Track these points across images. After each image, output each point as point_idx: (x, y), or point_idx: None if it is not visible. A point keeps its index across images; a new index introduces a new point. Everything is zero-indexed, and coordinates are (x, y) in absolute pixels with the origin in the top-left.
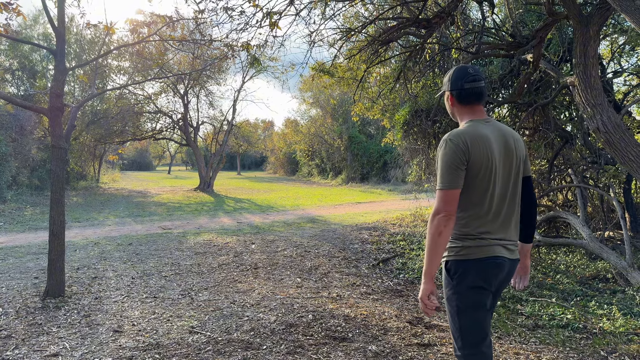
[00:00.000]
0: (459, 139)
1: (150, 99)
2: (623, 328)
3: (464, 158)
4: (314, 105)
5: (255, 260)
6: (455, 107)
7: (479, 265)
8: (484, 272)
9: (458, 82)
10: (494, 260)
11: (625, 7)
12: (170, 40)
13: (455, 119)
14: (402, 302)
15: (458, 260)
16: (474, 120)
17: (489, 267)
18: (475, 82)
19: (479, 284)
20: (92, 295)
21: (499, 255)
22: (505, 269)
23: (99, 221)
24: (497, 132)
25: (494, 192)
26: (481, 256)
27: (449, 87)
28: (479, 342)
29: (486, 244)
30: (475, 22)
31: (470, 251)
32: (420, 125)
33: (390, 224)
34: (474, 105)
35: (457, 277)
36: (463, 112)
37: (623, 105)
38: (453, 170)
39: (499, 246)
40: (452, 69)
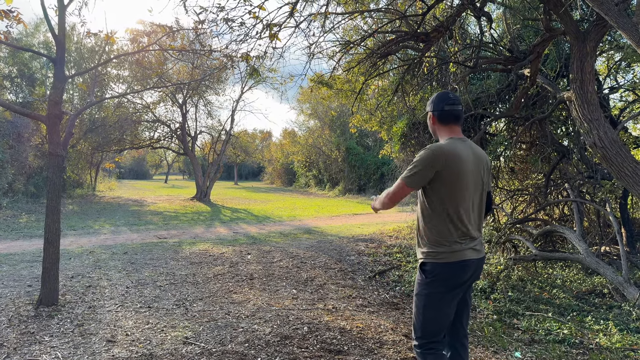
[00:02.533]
0: (439, 151)
1: (149, 108)
2: (619, 344)
3: (434, 168)
4: (312, 117)
5: (251, 270)
6: (436, 125)
7: (452, 267)
8: (456, 273)
9: (440, 104)
10: (464, 263)
11: (622, 24)
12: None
13: (435, 136)
14: (398, 315)
15: (435, 263)
16: (452, 138)
17: (460, 269)
18: (454, 106)
19: (450, 284)
20: (85, 304)
21: (468, 258)
22: (472, 268)
23: (95, 229)
24: (470, 150)
25: (466, 203)
26: (454, 260)
27: (431, 109)
28: (435, 334)
29: (459, 249)
30: (473, 36)
31: (446, 256)
32: (418, 138)
33: (387, 235)
34: (452, 125)
35: (431, 277)
36: (443, 130)
37: (619, 120)
38: (421, 173)
39: (469, 249)
40: (435, 94)
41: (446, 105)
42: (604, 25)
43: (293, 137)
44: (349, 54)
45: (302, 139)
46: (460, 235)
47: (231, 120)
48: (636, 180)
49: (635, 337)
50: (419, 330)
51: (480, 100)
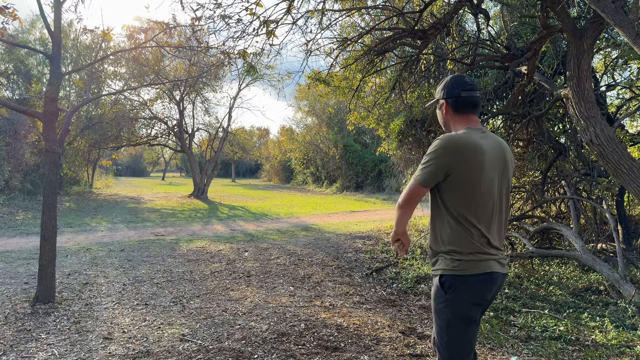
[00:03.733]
0: (453, 141)
1: (146, 105)
2: (615, 340)
3: (449, 161)
4: (309, 114)
5: (248, 268)
6: (450, 115)
7: (476, 280)
8: (480, 288)
9: (454, 90)
10: (490, 276)
11: (618, 22)
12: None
13: (447, 129)
14: (395, 312)
15: (455, 276)
16: (470, 128)
17: (485, 282)
18: (472, 92)
19: (474, 300)
20: (82, 301)
21: (494, 270)
22: (498, 284)
23: (92, 227)
24: (492, 143)
25: (488, 205)
26: (478, 272)
27: (443, 95)
28: (466, 354)
29: (482, 259)
30: (470, 33)
31: (467, 266)
32: (415, 135)
33: (384, 233)
34: (469, 114)
35: (451, 292)
36: (458, 121)
37: (616, 118)
38: (433, 169)
39: (494, 261)
40: (447, 77)
41: (462, 91)
42: (601, 23)
43: (291, 135)
44: (347, 51)
45: (300, 136)
46: (484, 242)
47: (228, 118)
48: (632, 177)
49: (631, 334)
50: (445, 352)
51: None
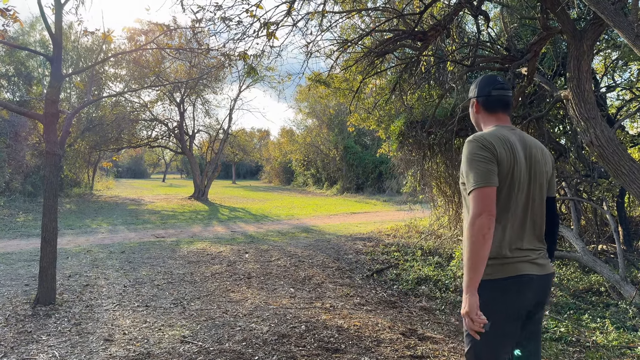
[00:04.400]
0: (482, 138)
1: (146, 106)
2: (616, 342)
3: (491, 154)
4: (310, 115)
5: (249, 269)
6: (481, 114)
7: (505, 285)
8: (510, 292)
9: (485, 89)
10: (520, 279)
11: (618, 23)
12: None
13: (478, 128)
14: (395, 314)
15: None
16: (500, 126)
17: (515, 287)
18: (503, 90)
19: (507, 306)
20: (83, 303)
21: (525, 273)
22: (533, 287)
23: (92, 228)
24: (522, 140)
25: (517, 202)
26: (506, 275)
27: (475, 94)
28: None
29: (511, 262)
30: (470, 35)
31: (496, 270)
32: (416, 137)
33: (385, 234)
34: (500, 113)
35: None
36: (488, 120)
37: (616, 119)
38: (483, 166)
39: (525, 262)
40: (480, 77)
41: (494, 89)
42: (601, 24)
43: (291, 136)
44: (347, 53)
45: (300, 137)
46: (513, 244)
47: (229, 119)
48: (633, 178)
49: (632, 335)
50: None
51: None
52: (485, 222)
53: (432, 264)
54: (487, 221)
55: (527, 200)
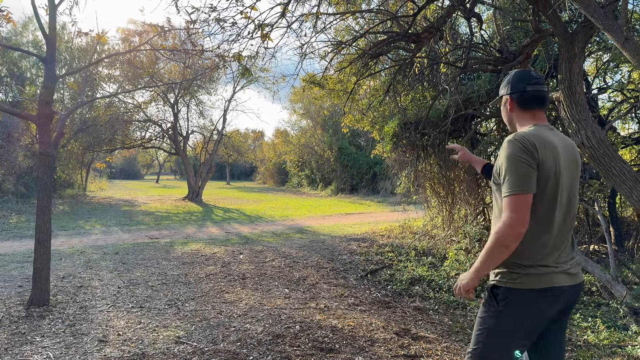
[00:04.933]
0: (525, 139)
1: (140, 107)
2: (607, 341)
3: (533, 158)
4: (304, 116)
5: (243, 270)
6: (515, 112)
7: (535, 296)
8: (539, 304)
9: (520, 84)
10: (554, 292)
11: (607, 27)
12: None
13: (512, 127)
14: (389, 314)
15: (511, 289)
16: (538, 125)
17: (546, 299)
18: (538, 85)
19: (530, 317)
20: (77, 304)
21: (559, 285)
22: (564, 299)
23: (86, 230)
24: (562, 140)
25: (559, 208)
26: (539, 287)
27: (508, 91)
28: None
29: (549, 272)
30: (463, 37)
31: (529, 280)
32: (409, 138)
33: (379, 235)
34: (536, 110)
35: (504, 305)
36: (523, 118)
37: (607, 120)
38: (524, 169)
39: (562, 274)
40: (512, 72)
41: (529, 85)
42: (592, 27)
43: (285, 137)
44: (341, 54)
45: (295, 138)
46: (553, 251)
47: (223, 120)
48: (623, 179)
49: (623, 334)
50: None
51: (471, 101)
52: (516, 233)
53: (426, 265)
54: (518, 232)
55: (567, 207)
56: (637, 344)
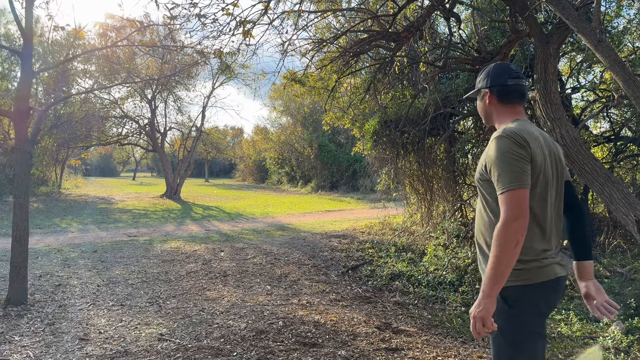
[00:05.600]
0: (516, 134)
1: (117, 103)
2: (579, 332)
3: (526, 153)
4: (284, 114)
5: (225, 268)
6: (494, 106)
7: (543, 289)
8: (548, 297)
9: (500, 78)
10: (556, 282)
11: (581, 29)
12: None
13: (489, 121)
14: (370, 308)
15: (519, 286)
16: (519, 119)
17: (552, 290)
18: (519, 79)
19: (542, 311)
20: (56, 303)
21: (559, 275)
22: (563, 288)
23: (62, 228)
24: (543, 136)
25: (550, 201)
26: (545, 279)
27: (487, 84)
28: None
29: (547, 264)
30: (442, 36)
31: (534, 274)
32: (389, 136)
33: (359, 232)
34: (516, 105)
35: (517, 305)
36: (503, 112)
37: (580, 119)
38: (518, 165)
39: (557, 264)
40: (490, 65)
41: (509, 79)
42: (566, 28)
43: (265, 134)
44: (322, 52)
45: (275, 135)
46: (545, 245)
47: (202, 117)
48: (595, 176)
49: (594, 326)
50: None
51: (449, 99)
52: (521, 229)
53: (406, 260)
54: (522, 227)
55: (555, 198)
56: (607, 335)
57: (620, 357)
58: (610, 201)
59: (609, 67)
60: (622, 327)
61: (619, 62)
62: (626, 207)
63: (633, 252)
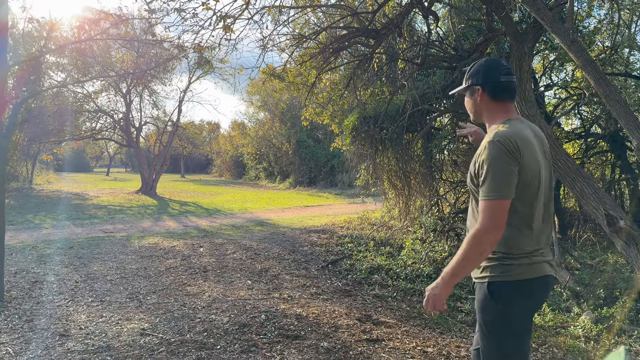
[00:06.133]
0: (508, 141)
1: (90, 97)
2: (552, 322)
3: (516, 162)
4: (262, 109)
5: (204, 263)
6: (485, 104)
7: (531, 286)
8: (536, 294)
9: (492, 74)
10: (544, 280)
11: (555, 29)
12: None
13: (478, 119)
14: (351, 301)
15: (507, 282)
16: (511, 119)
17: (542, 288)
18: (510, 76)
19: (530, 307)
20: (33, 299)
21: (548, 274)
22: (551, 287)
23: (35, 224)
24: (534, 132)
25: (540, 201)
26: (533, 276)
27: (479, 81)
28: None
29: (537, 262)
30: (420, 34)
31: (522, 270)
32: (368, 132)
33: (339, 227)
34: (508, 102)
35: (504, 301)
36: (495, 110)
37: (553, 116)
38: (506, 176)
39: (546, 263)
40: (481, 60)
41: (502, 75)
42: (540, 28)
43: (243, 129)
44: (302, 48)
45: (252, 131)
46: (536, 244)
47: (178, 111)
48: (567, 172)
49: (566, 316)
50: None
51: (427, 96)
52: (492, 242)
53: (384, 254)
54: (494, 240)
55: (547, 197)
56: (578, 325)
57: (590, 345)
58: (581, 196)
59: (581, 67)
60: (592, 316)
61: (590, 61)
62: (596, 201)
63: (602, 244)
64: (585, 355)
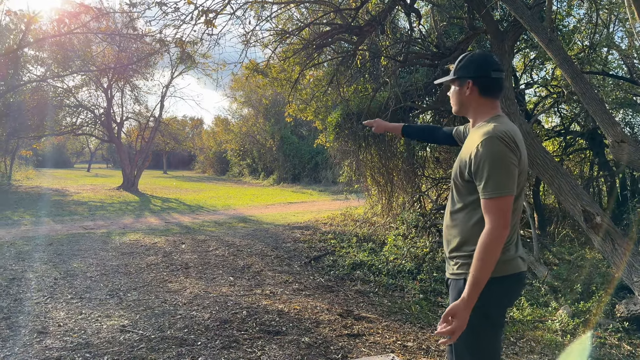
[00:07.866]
0: (508, 137)
1: (71, 92)
2: (530, 317)
3: (517, 158)
4: (245, 105)
5: (186, 260)
6: (474, 98)
7: (507, 283)
8: (512, 290)
9: (484, 69)
10: (519, 276)
11: (534, 28)
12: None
13: (462, 112)
14: (333, 297)
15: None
16: (500, 115)
17: (517, 284)
18: (500, 72)
19: (504, 304)
20: (11, 297)
21: (522, 270)
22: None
23: (14, 220)
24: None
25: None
26: (508, 273)
27: (471, 74)
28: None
29: (511, 257)
30: (403, 31)
31: (498, 268)
32: (352, 128)
33: (322, 223)
34: (495, 99)
35: (480, 298)
36: (483, 105)
37: (533, 114)
38: (510, 171)
39: (520, 258)
40: (474, 53)
41: (493, 71)
42: (520, 26)
43: (226, 125)
44: (285, 44)
45: (236, 127)
46: (515, 239)
47: (160, 107)
48: (546, 169)
49: (544, 310)
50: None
51: (409, 93)
52: (505, 237)
53: (367, 250)
54: (505, 235)
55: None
56: (555, 319)
57: (567, 339)
58: (559, 192)
59: (558, 65)
60: (569, 311)
61: (567, 60)
62: (574, 197)
63: (580, 240)
64: (562, 349)
